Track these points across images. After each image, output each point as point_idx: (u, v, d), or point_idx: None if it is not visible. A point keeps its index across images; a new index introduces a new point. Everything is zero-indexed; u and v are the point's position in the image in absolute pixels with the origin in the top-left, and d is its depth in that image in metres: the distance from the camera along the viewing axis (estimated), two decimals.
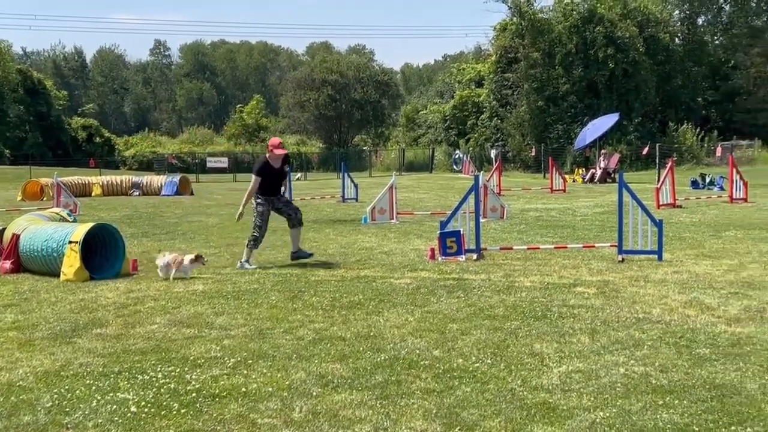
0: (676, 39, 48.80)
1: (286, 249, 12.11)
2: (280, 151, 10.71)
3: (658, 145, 32.38)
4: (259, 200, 10.69)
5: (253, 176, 10.63)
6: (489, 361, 5.65)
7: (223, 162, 54.02)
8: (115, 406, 4.79)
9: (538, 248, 11.45)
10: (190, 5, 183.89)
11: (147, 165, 59.92)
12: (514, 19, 46.96)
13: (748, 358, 5.61)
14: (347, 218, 17.67)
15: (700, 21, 51.31)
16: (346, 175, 23.71)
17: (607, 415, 4.53)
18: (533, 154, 42.50)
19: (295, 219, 10.87)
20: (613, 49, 42.40)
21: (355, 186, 23.74)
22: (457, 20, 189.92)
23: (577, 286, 8.47)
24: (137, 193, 29.54)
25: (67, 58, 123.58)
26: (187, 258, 9.57)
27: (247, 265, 10.38)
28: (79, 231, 9.71)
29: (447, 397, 4.87)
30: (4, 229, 11.31)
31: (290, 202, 11.16)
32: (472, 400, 4.81)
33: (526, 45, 45.01)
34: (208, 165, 53.21)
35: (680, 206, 18.84)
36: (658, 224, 10.25)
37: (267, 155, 10.79)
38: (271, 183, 10.72)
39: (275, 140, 11.01)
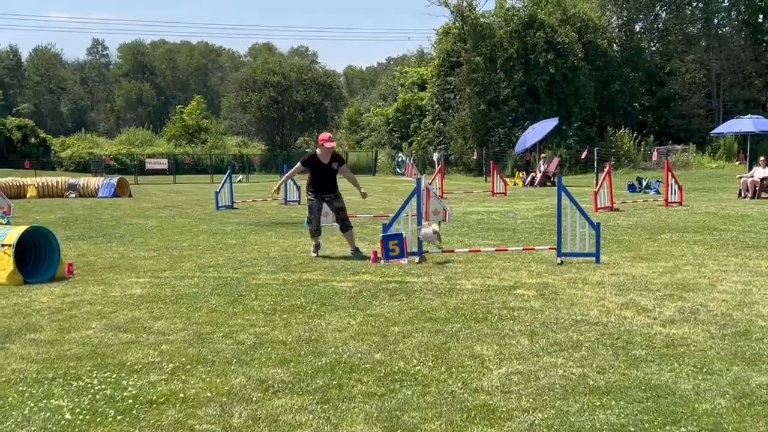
0: (614, 45, 49.81)
1: (226, 252, 12.01)
2: (329, 144, 11.17)
3: (596, 149, 32.96)
4: (309, 195, 11.58)
5: (299, 163, 11.44)
6: (430, 363, 5.67)
7: (163, 163, 53.18)
8: (49, 413, 4.66)
9: (480, 251, 11.56)
10: (130, 4, 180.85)
11: (84, 166, 58.67)
12: (457, 23, 47.31)
13: (682, 359, 5.74)
14: (289, 221, 17.57)
15: (637, 27, 52.44)
16: None
17: (546, 416, 4.59)
18: (475, 157, 42.89)
19: (342, 225, 11.67)
20: (553, 55, 43.07)
21: (298, 188, 23.63)
22: (400, 23, 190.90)
23: (517, 288, 8.57)
24: (73, 195, 28.88)
25: (2, 57, 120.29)
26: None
27: (312, 254, 11.38)
28: (13, 234, 9.44)
29: (388, 401, 4.87)
30: None
31: (344, 208, 11.59)
32: (413, 403, 4.82)
33: (468, 49, 45.39)
34: (147, 166, 52.31)
35: (618, 209, 19.22)
36: (596, 227, 10.44)
37: (317, 149, 11.35)
38: (319, 177, 11.33)
39: (325, 135, 11.49)
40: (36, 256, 9.88)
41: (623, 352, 5.93)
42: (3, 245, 9.28)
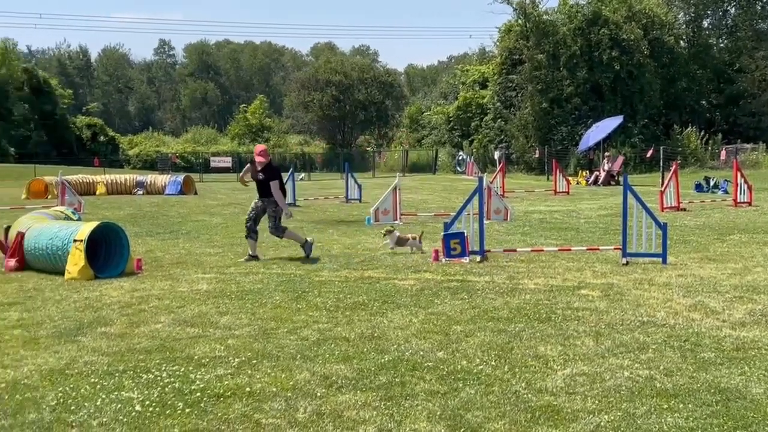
0: (681, 42, 48.72)
1: (289, 249, 12.14)
2: (257, 159, 11.30)
3: (662, 147, 32.35)
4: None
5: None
6: (493, 363, 5.64)
7: (227, 162, 54.04)
8: (119, 405, 4.80)
9: (542, 250, 11.45)
10: (195, 5, 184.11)
11: (151, 164, 60.03)
12: (519, 20, 46.92)
13: (752, 363, 5.60)
14: (351, 219, 17.68)
15: (705, 24, 51.20)
16: (349, 175, 23.72)
17: (612, 418, 4.53)
18: (537, 156, 42.46)
19: (270, 230, 11.53)
20: (617, 52, 42.36)
21: (359, 187, 23.75)
22: (461, 21, 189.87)
23: (581, 289, 8.46)
24: (141, 192, 29.55)
25: (72, 57, 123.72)
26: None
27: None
28: (84, 230, 9.72)
29: (451, 399, 4.87)
30: (9, 227, 11.34)
31: (273, 216, 11.41)
32: (476, 402, 4.81)
33: (530, 47, 44.96)
34: (212, 164, 53.23)
35: (684, 209, 18.81)
36: (663, 227, 10.25)
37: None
38: (256, 182, 11.52)
39: (257, 147, 11.62)
40: (106, 252, 10.15)
41: (691, 355, 5.81)
42: (75, 241, 9.56)
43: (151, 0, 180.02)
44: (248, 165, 11.66)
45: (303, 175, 45.81)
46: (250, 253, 11.26)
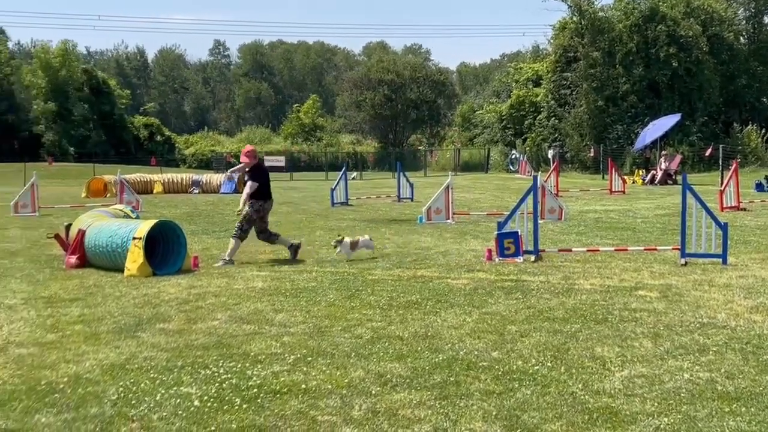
0: (741, 38, 47.56)
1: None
2: (242, 159, 11.37)
3: (721, 146, 31.64)
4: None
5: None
6: (549, 364, 5.59)
7: (280, 161, 54.47)
8: (179, 400, 4.88)
9: (598, 250, 11.30)
10: (249, 6, 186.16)
11: (206, 163, 60.87)
12: (574, 17, 46.36)
13: None
14: (403, 218, 17.69)
15: (766, 20, 49.87)
16: (401, 174, 23.73)
17: (672, 421, 4.45)
18: (592, 154, 41.90)
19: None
20: (675, 48, 41.57)
21: (411, 185, 23.74)
22: (514, 19, 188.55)
23: (638, 290, 8.33)
24: (197, 191, 30.02)
25: (130, 58, 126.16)
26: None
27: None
28: (143, 228, 9.91)
29: (507, 399, 4.83)
30: (70, 225, 11.62)
31: (244, 216, 11.12)
32: (532, 403, 4.77)
33: (585, 44, 44.40)
34: (266, 164, 53.67)
35: (744, 209, 18.37)
36: (723, 227, 10.02)
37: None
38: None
39: (245, 148, 11.68)
40: (164, 249, 10.33)
41: (753, 358, 5.67)
42: (134, 238, 9.75)
43: (206, 1, 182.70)
44: (241, 164, 11.59)
45: (355, 174, 45.97)
46: (289, 246, 11.26)
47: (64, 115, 66.92)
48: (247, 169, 11.28)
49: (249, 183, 11.05)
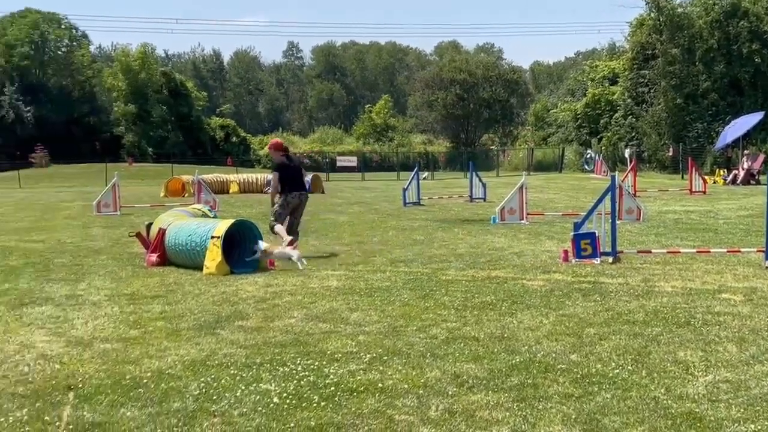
0: None
1: (415, 247, 12.21)
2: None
3: None
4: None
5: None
6: (630, 367, 5.47)
7: (353, 161, 54.97)
8: (258, 396, 4.96)
9: (679, 252, 11.01)
10: (322, 8, 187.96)
11: None
12: (652, 14, 45.31)
13: None
14: (476, 218, 17.59)
15: None
16: (474, 174, 23.61)
17: (759, 428, 4.31)
18: (670, 154, 40.94)
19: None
20: (758, 45, 40.23)
21: (483, 185, 23.60)
22: (590, 16, 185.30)
23: (722, 293, 8.08)
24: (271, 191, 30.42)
25: (206, 61, 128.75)
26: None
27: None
28: (221, 227, 10.11)
29: (586, 403, 4.75)
30: (150, 224, 11.93)
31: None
32: (613, 407, 4.68)
33: (664, 41, 43.36)
34: (338, 164, 54.27)
35: None
36: None
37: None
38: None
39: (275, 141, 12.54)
40: (241, 248, 10.51)
41: None
42: (212, 237, 9.95)
43: (280, 4, 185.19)
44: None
45: (426, 174, 45.96)
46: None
47: (144, 116, 68.82)
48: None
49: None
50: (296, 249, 10.56)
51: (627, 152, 43.41)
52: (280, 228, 11.35)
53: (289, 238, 11.00)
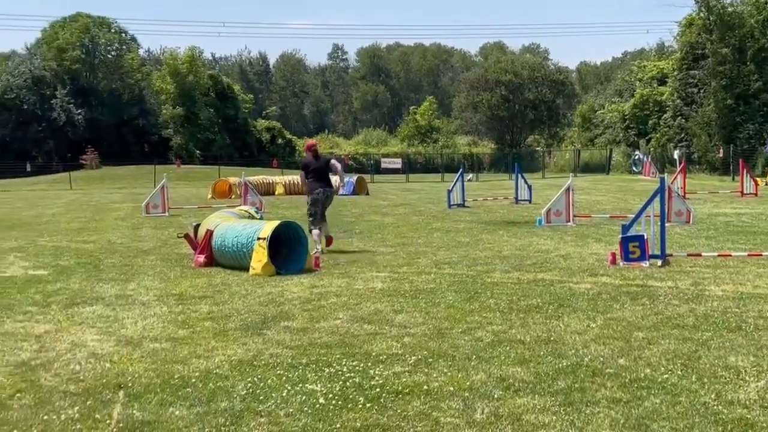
0: None
1: (460, 249, 12.18)
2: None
3: None
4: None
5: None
6: (679, 372, 5.39)
7: (397, 163, 55.00)
8: (304, 397, 4.99)
9: (730, 255, 10.80)
10: (367, 10, 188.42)
11: None
12: (702, 13, 44.61)
13: None
14: (521, 220, 17.46)
15: None
16: (519, 176, 23.45)
17: None
18: (721, 155, 40.22)
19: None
20: None
21: (529, 187, 23.42)
22: (637, 16, 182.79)
23: None
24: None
25: (252, 63, 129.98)
26: None
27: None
28: (267, 228, 10.19)
29: (635, 408, 4.69)
30: (198, 225, 12.08)
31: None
32: (662, 412, 4.61)
33: (714, 40, 42.64)
34: (383, 166, 54.34)
35: None
36: None
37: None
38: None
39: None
40: (287, 249, 10.59)
41: None
42: (259, 239, 10.05)
43: (326, 6, 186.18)
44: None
45: (471, 175, 45.78)
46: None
47: (191, 119, 69.70)
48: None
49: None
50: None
51: (676, 153, 42.74)
52: (316, 234, 12.08)
53: (321, 247, 11.99)
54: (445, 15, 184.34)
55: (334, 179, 13.54)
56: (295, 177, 33.27)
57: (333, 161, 13.73)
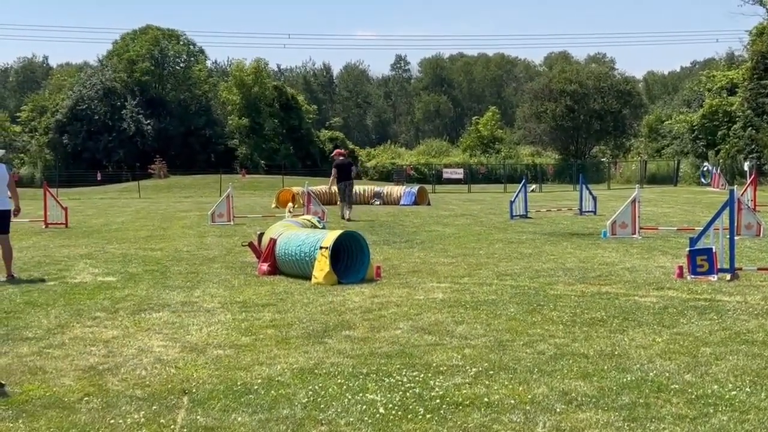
0: None
1: (522, 261, 12.07)
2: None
3: None
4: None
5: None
6: (748, 389, 5.24)
7: (459, 173, 54.86)
8: (364, 406, 5.00)
9: None
10: (430, 21, 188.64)
11: (387, 175, 62.23)
12: None
13: None
14: (585, 231, 17.22)
15: None
16: (584, 186, 23.13)
17: None
18: None
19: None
20: None
21: (594, 198, 23.08)
22: (706, 25, 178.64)
23: None
24: (378, 203, 30.72)
25: (316, 74, 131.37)
26: None
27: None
28: (329, 237, 10.28)
29: (701, 425, 4.57)
30: (262, 233, 12.25)
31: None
32: (729, 430, 4.49)
33: None
34: (444, 176, 54.25)
35: None
36: None
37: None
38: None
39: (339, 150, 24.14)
40: (348, 259, 10.65)
41: None
42: (321, 248, 10.13)
43: (389, 17, 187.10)
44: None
45: (534, 186, 45.34)
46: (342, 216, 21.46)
47: (256, 129, 70.82)
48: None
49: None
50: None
51: (746, 165, 41.53)
52: (343, 208, 22.02)
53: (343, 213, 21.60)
54: (510, 25, 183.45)
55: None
56: (357, 187, 33.46)
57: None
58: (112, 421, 4.82)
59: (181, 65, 79.18)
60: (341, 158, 23.06)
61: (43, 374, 5.90)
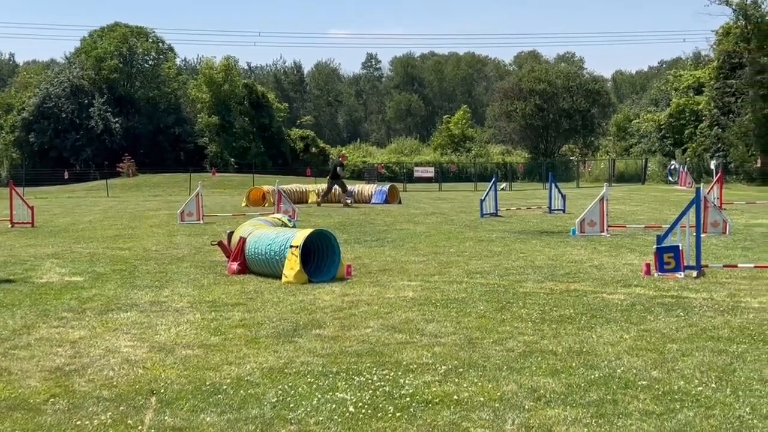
0: None
1: (492, 259, 12.13)
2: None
3: None
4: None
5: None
6: (713, 385, 5.31)
7: (430, 172, 54.90)
8: (334, 405, 5.00)
9: (767, 267, 10.62)
10: (402, 19, 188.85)
11: (358, 174, 62.18)
12: (739, 22, 44.07)
13: None
14: (554, 230, 17.34)
15: None
16: (553, 185, 23.29)
17: None
18: (758, 165, 39.61)
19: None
20: None
21: (563, 197, 23.25)
22: (673, 25, 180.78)
23: None
24: (349, 201, 30.68)
25: (287, 72, 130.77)
26: None
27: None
28: (299, 236, 10.25)
29: (668, 421, 4.63)
30: (232, 232, 12.18)
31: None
32: (695, 426, 4.55)
33: (752, 49, 42.11)
34: (415, 174, 54.29)
35: None
36: None
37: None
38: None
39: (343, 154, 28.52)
40: (319, 257, 10.63)
41: None
42: (291, 246, 10.10)
43: (360, 16, 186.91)
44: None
45: (504, 184, 45.56)
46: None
47: (226, 127, 70.32)
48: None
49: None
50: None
51: (713, 163, 42.23)
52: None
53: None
54: (480, 24, 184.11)
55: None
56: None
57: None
58: (78, 423, 4.77)
59: (150, 63, 78.37)
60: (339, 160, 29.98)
61: (8, 375, 5.82)
